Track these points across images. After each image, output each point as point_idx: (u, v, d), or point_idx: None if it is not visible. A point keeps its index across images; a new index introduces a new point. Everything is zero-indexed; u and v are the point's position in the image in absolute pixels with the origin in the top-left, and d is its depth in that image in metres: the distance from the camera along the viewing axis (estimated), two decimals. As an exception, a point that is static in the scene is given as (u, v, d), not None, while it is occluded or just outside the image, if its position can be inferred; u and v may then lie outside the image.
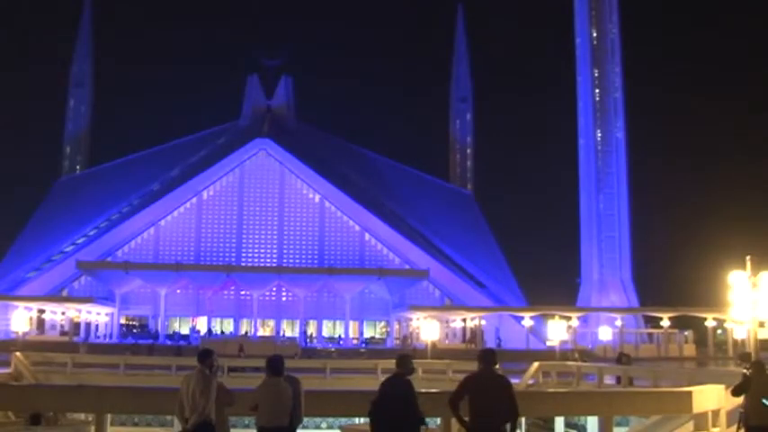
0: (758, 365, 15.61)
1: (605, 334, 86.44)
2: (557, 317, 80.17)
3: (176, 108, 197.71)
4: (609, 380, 39.09)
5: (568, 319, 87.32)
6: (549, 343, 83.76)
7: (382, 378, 44.22)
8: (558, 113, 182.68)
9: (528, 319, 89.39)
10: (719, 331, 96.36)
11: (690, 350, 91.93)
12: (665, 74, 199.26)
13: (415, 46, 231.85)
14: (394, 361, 13.73)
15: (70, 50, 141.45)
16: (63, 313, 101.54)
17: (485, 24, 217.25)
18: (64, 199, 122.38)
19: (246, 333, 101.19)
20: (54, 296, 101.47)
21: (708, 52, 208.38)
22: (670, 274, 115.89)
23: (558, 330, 75.80)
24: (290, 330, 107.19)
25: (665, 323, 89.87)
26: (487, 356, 12.82)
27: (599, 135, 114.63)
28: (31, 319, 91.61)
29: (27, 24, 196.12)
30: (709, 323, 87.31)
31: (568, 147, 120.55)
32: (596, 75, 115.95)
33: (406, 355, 13.87)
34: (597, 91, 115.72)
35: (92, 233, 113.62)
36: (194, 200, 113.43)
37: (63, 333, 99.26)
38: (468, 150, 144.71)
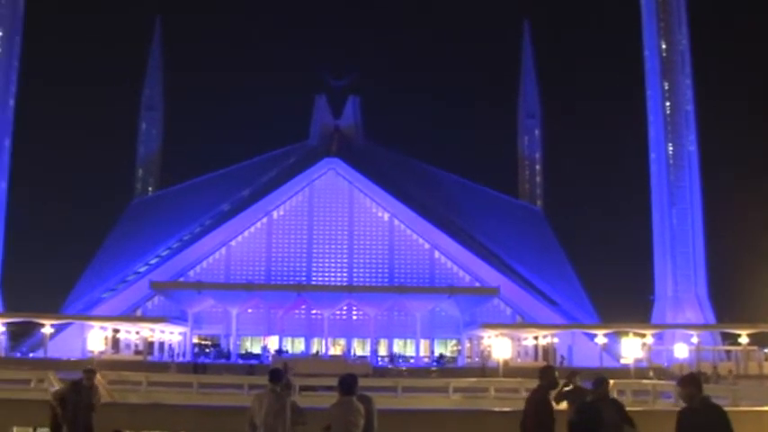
0: None
1: (681, 351, 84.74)
2: (631, 334, 78.91)
3: (246, 129, 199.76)
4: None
5: (643, 336, 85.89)
6: (623, 361, 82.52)
7: (454, 397, 43.58)
8: (628, 127, 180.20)
9: (601, 337, 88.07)
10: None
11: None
12: (738, 84, 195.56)
13: (483, 62, 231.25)
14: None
15: (142, 73, 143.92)
16: (137, 333, 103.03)
17: (551, 39, 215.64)
18: (137, 220, 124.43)
19: (317, 352, 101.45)
20: (128, 316, 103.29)
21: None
22: (748, 290, 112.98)
23: (632, 348, 74.62)
24: (360, 349, 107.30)
25: (744, 340, 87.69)
26: (544, 374, 13.83)
27: (671, 149, 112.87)
28: (106, 338, 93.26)
29: (100, 49, 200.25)
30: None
31: (639, 161, 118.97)
32: (666, 87, 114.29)
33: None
34: (668, 104, 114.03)
35: (164, 254, 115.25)
36: (264, 220, 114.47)
37: (137, 352, 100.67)
38: (537, 166, 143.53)
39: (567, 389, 15.59)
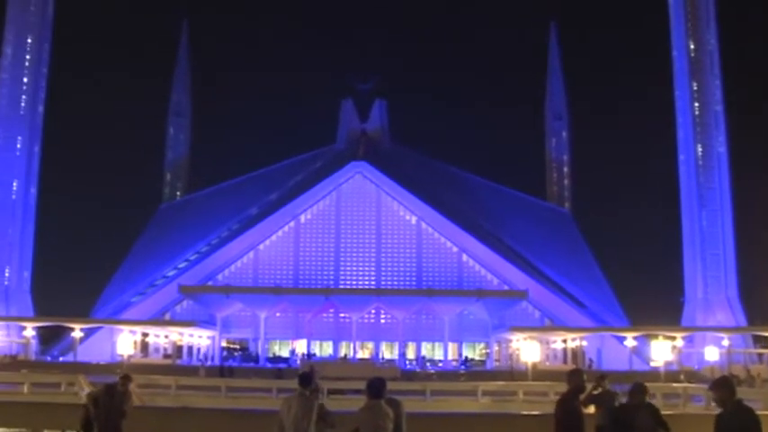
0: None
1: (712, 354, 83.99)
2: (660, 337, 78.28)
3: (273, 133, 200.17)
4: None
5: (673, 339, 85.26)
6: (653, 364, 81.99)
7: (483, 400, 43.41)
8: (656, 128, 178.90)
9: (631, 340, 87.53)
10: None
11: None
12: None
13: (510, 64, 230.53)
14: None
15: (169, 77, 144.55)
16: (166, 336, 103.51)
17: (578, 40, 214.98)
18: (166, 225, 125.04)
19: (346, 356, 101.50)
20: (157, 320, 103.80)
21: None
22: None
23: (662, 351, 74.10)
24: (389, 352, 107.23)
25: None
26: (571, 377, 14.12)
27: (700, 150, 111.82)
28: (135, 342, 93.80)
29: (128, 54, 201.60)
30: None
31: (668, 162, 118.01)
32: (695, 88, 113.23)
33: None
34: (697, 105, 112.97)
35: (193, 258, 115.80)
36: (292, 223, 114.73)
37: (166, 356, 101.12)
38: (565, 168, 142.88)
39: (595, 392, 15.45)
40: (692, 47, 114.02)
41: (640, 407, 13.33)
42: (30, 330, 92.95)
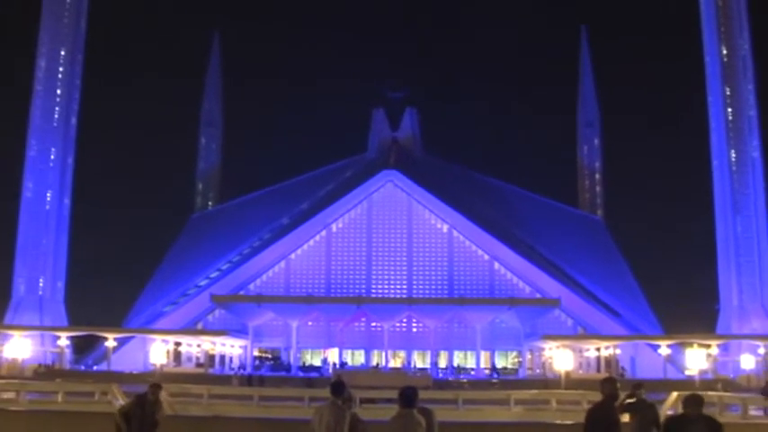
0: None
1: (748, 362, 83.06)
2: (695, 345, 77.50)
3: (303, 143, 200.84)
4: (755, 412, 37.29)
5: (708, 347, 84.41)
6: (687, 372, 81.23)
7: (515, 409, 42.93)
8: (689, 134, 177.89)
9: (665, 348, 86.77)
10: None
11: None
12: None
13: (540, 71, 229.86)
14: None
15: (201, 88, 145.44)
16: (198, 346, 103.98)
17: (610, 46, 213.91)
18: (197, 234, 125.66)
19: (378, 365, 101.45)
20: (190, 329, 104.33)
21: None
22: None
23: (697, 359, 73.40)
24: (420, 361, 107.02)
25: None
26: (604, 385, 13.47)
27: (733, 155, 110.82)
28: (168, 351, 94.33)
29: (160, 65, 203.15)
30: None
31: (702, 168, 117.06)
32: (728, 93, 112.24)
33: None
34: (730, 110, 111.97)
35: (225, 267, 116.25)
36: (324, 233, 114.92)
37: (199, 365, 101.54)
38: (597, 176, 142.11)
39: (629, 401, 15.24)
40: (724, 51, 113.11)
41: (696, 420, 12.69)
42: (64, 340, 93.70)
